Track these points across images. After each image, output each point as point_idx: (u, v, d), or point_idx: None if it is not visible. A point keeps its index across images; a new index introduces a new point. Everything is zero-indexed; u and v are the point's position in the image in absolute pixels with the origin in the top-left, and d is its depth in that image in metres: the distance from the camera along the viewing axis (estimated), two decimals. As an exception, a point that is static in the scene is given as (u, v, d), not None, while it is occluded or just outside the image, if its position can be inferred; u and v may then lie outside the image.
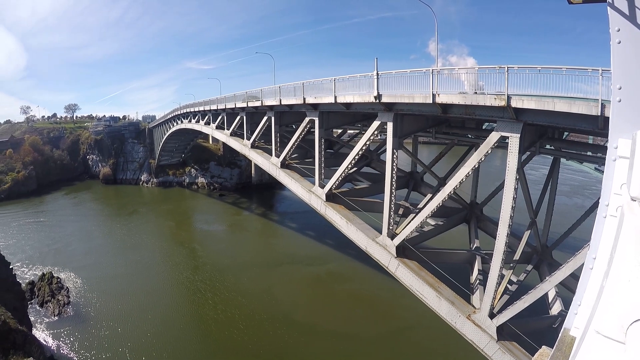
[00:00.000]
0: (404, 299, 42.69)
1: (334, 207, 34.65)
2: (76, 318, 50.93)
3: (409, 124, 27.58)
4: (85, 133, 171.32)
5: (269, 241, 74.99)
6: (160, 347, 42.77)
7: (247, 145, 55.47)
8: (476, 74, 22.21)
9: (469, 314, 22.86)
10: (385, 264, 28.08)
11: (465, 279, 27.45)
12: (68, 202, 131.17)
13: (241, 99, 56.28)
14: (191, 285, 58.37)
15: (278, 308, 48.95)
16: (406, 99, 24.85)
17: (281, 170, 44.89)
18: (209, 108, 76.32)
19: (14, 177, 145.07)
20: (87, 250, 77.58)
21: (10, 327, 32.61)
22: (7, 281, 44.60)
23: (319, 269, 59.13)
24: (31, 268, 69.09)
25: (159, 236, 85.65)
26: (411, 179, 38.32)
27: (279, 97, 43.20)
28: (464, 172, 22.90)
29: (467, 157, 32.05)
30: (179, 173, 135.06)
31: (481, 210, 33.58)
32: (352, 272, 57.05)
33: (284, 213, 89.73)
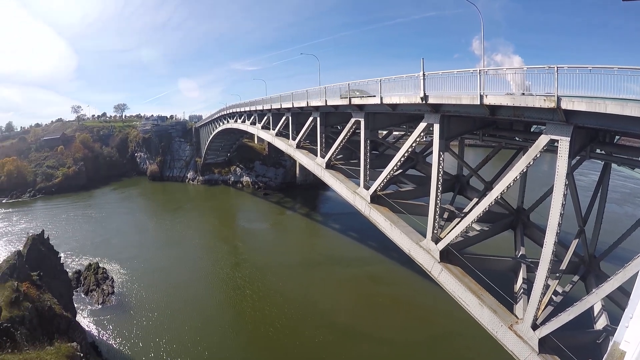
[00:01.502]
0: (444, 305, 41.83)
1: (378, 209, 34.75)
2: (119, 307, 53.42)
3: (455, 125, 27.36)
4: (134, 131, 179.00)
5: (311, 241, 75.79)
6: (196, 340, 44.07)
7: (292, 146, 56.28)
8: (523, 74, 21.79)
9: (511, 324, 22.42)
10: (428, 269, 27.91)
11: (508, 287, 26.80)
12: (116, 197, 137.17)
13: (287, 100, 56.88)
14: (231, 281, 59.76)
15: (315, 308, 49.33)
16: (453, 100, 24.72)
17: (326, 170, 45.33)
18: (254, 108, 77.69)
19: (65, 172, 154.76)
20: (132, 244, 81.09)
21: (55, 312, 34.29)
22: (55, 269, 46.60)
23: (359, 271, 59.06)
24: (78, 258, 72.94)
25: (202, 232, 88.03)
26: (457, 182, 37.86)
27: (325, 98, 43.63)
28: (512, 177, 22.52)
29: (514, 160, 31.61)
30: (224, 171, 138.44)
31: (528, 216, 32.71)
32: (392, 275, 56.82)
33: (327, 214, 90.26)
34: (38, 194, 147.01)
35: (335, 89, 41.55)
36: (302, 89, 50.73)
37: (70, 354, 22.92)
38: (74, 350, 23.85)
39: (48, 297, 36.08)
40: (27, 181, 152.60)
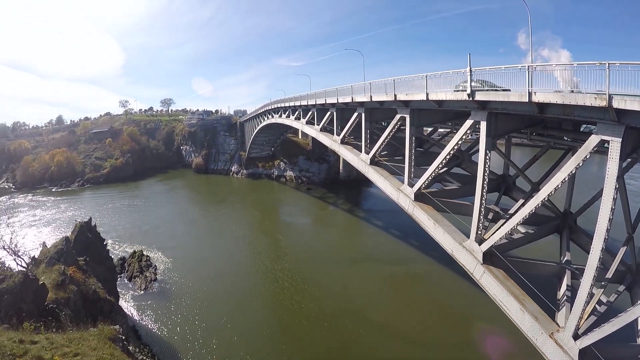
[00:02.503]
0: (483, 309, 41.75)
1: (422, 207, 34.52)
2: (160, 294, 55.60)
3: (503, 123, 26.81)
4: (180, 125, 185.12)
5: (352, 237, 75.95)
6: (233, 330, 45.30)
7: (336, 141, 56.55)
8: (572, 71, 20.99)
9: (552, 332, 21.79)
10: (470, 270, 27.59)
11: (551, 293, 26.00)
12: (161, 188, 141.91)
13: (332, 95, 57.06)
14: (270, 273, 60.85)
15: (351, 304, 49.55)
16: (500, 97, 24.26)
17: (370, 167, 45.32)
18: (299, 104, 78.59)
19: (112, 163, 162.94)
20: (176, 233, 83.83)
21: (99, 296, 36.09)
22: (101, 255, 48.87)
23: (398, 270, 58.69)
24: (123, 245, 76.32)
25: (244, 224, 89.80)
26: (503, 182, 36.94)
27: (370, 94, 43.67)
28: (560, 178, 21.95)
29: (563, 161, 30.66)
30: (268, 166, 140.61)
31: (575, 220, 31.50)
32: (432, 275, 56.25)
33: (369, 210, 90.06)
34: (86, 183, 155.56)
35: (380, 84, 41.45)
36: (347, 85, 51.00)
37: (113, 336, 23.95)
38: (116, 332, 24.93)
39: (93, 281, 38.00)
40: (76, 171, 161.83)
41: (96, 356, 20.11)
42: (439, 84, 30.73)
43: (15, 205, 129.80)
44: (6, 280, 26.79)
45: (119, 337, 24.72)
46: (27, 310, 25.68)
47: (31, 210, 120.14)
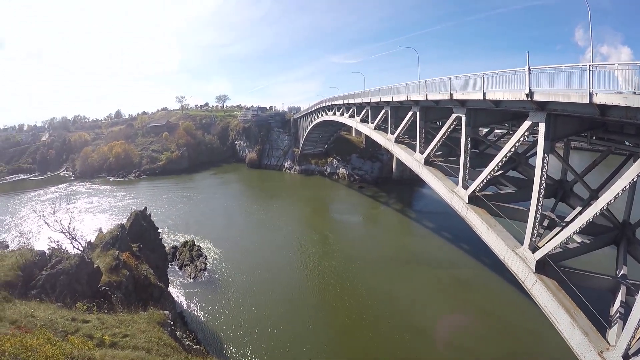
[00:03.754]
0: (530, 319, 40.91)
1: (475, 211, 33.87)
2: (208, 283, 57.79)
3: (562, 126, 25.72)
4: (234, 121, 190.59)
5: (401, 238, 75.19)
6: (275, 323, 46.31)
7: (390, 140, 56.26)
8: (635, 70, 19.48)
9: (601, 350, 20.67)
10: (522, 279, 26.76)
11: (603, 308, 24.90)
12: (215, 181, 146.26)
13: (386, 93, 56.78)
14: (317, 269, 61.35)
15: (396, 306, 49.05)
16: (560, 98, 23.23)
17: (424, 167, 44.80)
18: (353, 101, 78.57)
19: (168, 156, 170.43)
20: (227, 225, 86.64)
21: (150, 281, 37.83)
22: (154, 243, 51.01)
23: (446, 274, 57.67)
24: (175, 235, 79.87)
25: (295, 220, 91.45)
26: (560, 187, 35.34)
27: (425, 92, 43.10)
28: (620, 186, 20.94)
29: (624, 167, 29.17)
30: (321, 162, 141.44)
31: (634, 232, 29.61)
32: (480, 281, 54.71)
33: (421, 211, 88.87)
34: (143, 174, 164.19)
35: (435, 83, 40.90)
36: (402, 83, 50.52)
37: (162, 321, 24.83)
38: (165, 317, 25.83)
39: (145, 267, 39.84)
40: (133, 163, 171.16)
41: (145, 339, 20.88)
42: (496, 83, 29.92)
43: (74, 192, 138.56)
44: (63, 262, 28.47)
45: (168, 322, 25.63)
46: (81, 291, 27.20)
47: (89, 198, 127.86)
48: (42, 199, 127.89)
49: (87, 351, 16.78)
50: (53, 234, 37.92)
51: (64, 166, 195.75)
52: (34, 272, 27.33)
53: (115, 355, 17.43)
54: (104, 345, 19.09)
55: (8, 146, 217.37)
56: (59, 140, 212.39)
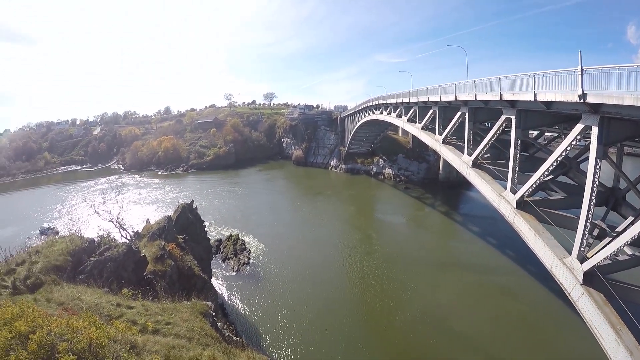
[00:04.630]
0: (573, 332, 39.40)
1: (523, 216, 32.87)
2: (250, 277, 59.00)
3: (616, 130, 24.26)
4: (281, 119, 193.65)
5: (445, 241, 73.86)
6: (312, 319, 46.82)
7: (438, 141, 55.44)
8: None
9: None
10: (567, 290, 25.62)
11: None
12: (260, 177, 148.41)
13: (434, 93, 56.02)
14: (358, 268, 61.27)
15: (435, 310, 48.18)
16: (614, 100, 21.87)
17: (472, 169, 44.06)
18: (400, 101, 77.69)
19: (216, 151, 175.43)
20: (272, 221, 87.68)
21: (194, 272, 39.05)
22: (199, 236, 52.68)
23: (488, 280, 55.99)
24: (220, 228, 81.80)
25: (338, 218, 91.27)
26: (612, 195, 33.30)
27: (474, 92, 42.19)
28: None
29: None
30: (367, 162, 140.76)
31: None
32: (524, 290, 52.52)
33: (466, 215, 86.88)
34: (190, 169, 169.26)
35: (485, 83, 39.90)
36: (450, 82, 49.67)
37: (204, 311, 25.36)
38: (208, 308, 26.37)
39: (189, 258, 41.02)
40: (181, 157, 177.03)
41: (186, 327, 21.44)
42: (547, 84, 28.77)
43: (124, 184, 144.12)
44: (111, 249, 29.81)
45: (210, 313, 26.12)
46: (127, 278, 28.35)
47: (137, 190, 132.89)
48: (92, 190, 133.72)
49: (131, 336, 17.37)
50: (102, 223, 39.95)
51: (114, 159, 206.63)
52: (83, 258, 28.65)
53: (157, 342, 17.92)
54: (147, 331, 19.77)
55: (61, 139, 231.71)
56: (110, 134, 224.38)
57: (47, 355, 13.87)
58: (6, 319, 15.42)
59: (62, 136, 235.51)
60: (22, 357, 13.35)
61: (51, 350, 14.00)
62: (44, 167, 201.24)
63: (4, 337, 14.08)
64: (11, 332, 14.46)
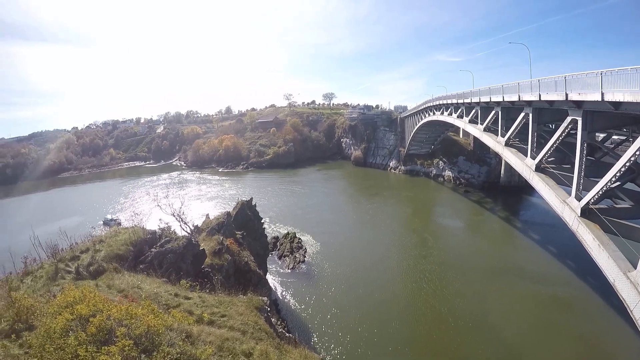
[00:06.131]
0: (634, 354, 36.89)
1: (587, 225, 31.13)
2: (304, 275, 59.70)
3: None
4: (341, 119, 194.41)
5: (503, 248, 70.69)
6: (362, 320, 46.63)
7: (500, 143, 54.08)
8: None
9: None
10: (630, 307, 23.88)
11: None
12: (319, 176, 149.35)
13: (497, 93, 54.39)
14: (411, 271, 60.46)
15: (487, 319, 46.20)
16: None
17: (535, 173, 42.61)
18: (461, 101, 76.03)
19: (275, 150, 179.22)
20: (328, 220, 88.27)
21: (250, 267, 39.88)
22: (257, 232, 53.97)
23: (544, 291, 52.53)
24: (277, 225, 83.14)
25: (395, 220, 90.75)
26: None
27: (538, 92, 40.43)
28: None
29: None
30: (427, 164, 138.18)
31: None
32: (582, 304, 49.02)
33: (527, 222, 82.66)
34: (250, 167, 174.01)
35: (549, 82, 38.04)
36: (514, 82, 47.95)
37: (259, 306, 25.55)
38: (263, 303, 26.52)
39: (246, 254, 41.91)
40: (241, 156, 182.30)
41: (241, 321, 21.67)
42: (615, 83, 26.73)
43: (185, 180, 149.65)
44: (171, 241, 30.76)
45: (265, 308, 26.32)
46: (186, 270, 29.19)
47: (198, 186, 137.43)
48: (155, 184, 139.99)
49: (186, 325, 17.85)
50: (164, 216, 41.85)
51: (176, 156, 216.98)
52: (144, 249, 29.84)
53: (211, 333, 18.24)
54: (203, 322, 20.20)
55: (126, 136, 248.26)
56: (172, 132, 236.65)
57: (105, 338, 14.52)
58: (68, 302, 16.32)
59: (127, 134, 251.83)
60: (81, 338, 13.97)
61: (109, 334, 14.70)
62: (109, 163, 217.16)
63: (65, 319, 14.84)
64: (72, 314, 15.23)
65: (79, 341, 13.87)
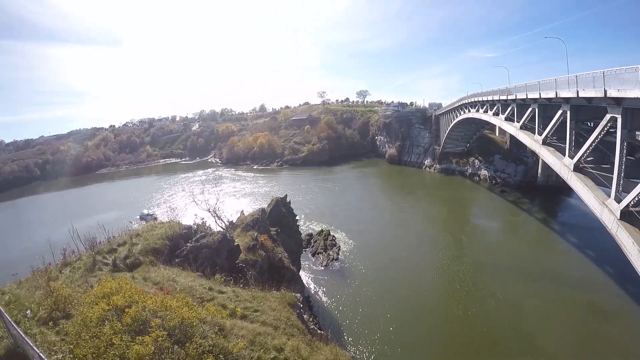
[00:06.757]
0: None
1: (627, 229, 29.88)
2: (337, 273, 59.85)
3: None
4: (375, 116, 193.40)
5: (539, 250, 67.69)
6: (392, 320, 46.39)
7: (537, 141, 52.77)
8: None
9: None
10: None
11: None
12: (353, 174, 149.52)
13: (533, 90, 53.06)
14: (444, 272, 59.59)
15: (522, 323, 44.66)
16: None
17: (573, 173, 41.30)
18: (497, 98, 74.35)
19: (310, 148, 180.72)
20: (362, 218, 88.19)
21: (283, 264, 40.49)
22: (291, 229, 54.50)
23: (580, 296, 50.16)
24: (312, 223, 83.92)
25: (429, 219, 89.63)
26: None
27: (575, 89, 38.89)
28: None
29: None
30: (462, 162, 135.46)
31: None
32: (619, 312, 46.43)
33: (565, 224, 79.43)
34: (284, 164, 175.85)
35: (587, 78, 36.57)
36: (550, 78, 46.60)
37: (292, 302, 25.62)
38: (296, 300, 26.58)
39: (280, 250, 42.64)
40: (276, 153, 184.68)
41: (274, 316, 21.79)
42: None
43: (220, 177, 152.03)
44: (207, 237, 31.64)
45: (298, 304, 26.34)
46: (220, 265, 29.87)
47: (233, 183, 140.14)
48: (190, 181, 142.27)
49: (220, 319, 18.35)
50: (199, 212, 43.74)
51: (211, 153, 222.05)
52: (180, 243, 30.80)
53: (244, 327, 18.66)
54: (236, 316, 20.52)
55: (162, 134, 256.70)
56: (207, 130, 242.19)
57: (140, 328, 15.15)
58: (105, 293, 17.24)
59: (163, 131, 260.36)
60: (116, 328, 14.62)
61: (144, 324, 15.37)
62: (145, 159, 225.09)
63: (102, 309, 15.66)
64: (109, 304, 16.08)
65: (114, 330, 14.46)
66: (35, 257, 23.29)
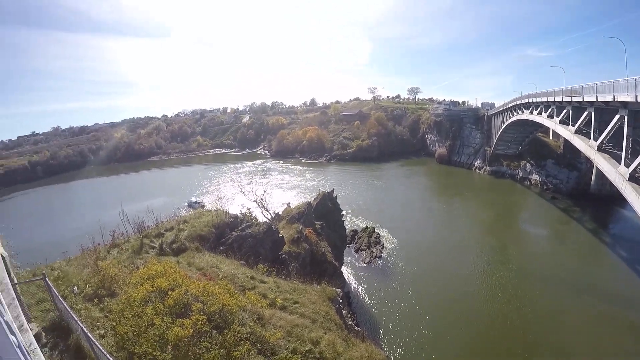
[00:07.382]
0: None
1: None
2: (378, 270, 59.75)
3: None
4: (426, 114, 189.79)
5: (587, 263, 64.52)
6: (429, 322, 45.90)
7: (592, 147, 50.82)
8: None
9: None
10: None
11: None
12: (401, 172, 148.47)
13: (589, 92, 50.93)
14: (487, 277, 58.14)
15: (559, 336, 42.53)
16: None
17: (628, 183, 39.61)
18: (552, 99, 71.81)
19: (359, 144, 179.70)
20: (407, 217, 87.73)
21: (326, 258, 40.75)
22: (336, 224, 54.86)
23: (624, 314, 46.74)
24: (357, 219, 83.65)
25: (475, 222, 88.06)
26: None
27: (635, 92, 37.02)
28: None
29: None
30: (513, 165, 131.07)
31: None
32: None
33: (616, 236, 75.28)
34: (332, 159, 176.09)
35: (647, 81, 34.36)
36: (608, 80, 44.47)
37: (332, 297, 25.89)
38: (337, 295, 26.90)
39: (324, 244, 43.06)
40: (325, 147, 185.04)
41: (312, 309, 22.11)
42: None
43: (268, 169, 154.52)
44: (252, 227, 32.48)
45: (337, 300, 26.63)
46: (264, 255, 30.45)
47: (280, 175, 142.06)
48: (239, 171, 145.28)
49: (259, 308, 18.83)
50: (246, 202, 44.69)
51: (260, 145, 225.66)
52: (226, 232, 31.65)
53: (282, 317, 19.03)
54: (275, 306, 21.04)
55: (213, 125, 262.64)
56: (257, 122, 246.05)
57: (181, 311, 15.61)
58: (150, 275, 17.76)
59: (214, 122, 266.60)
60: (159, 309, 15.20)
61: (185, 307, 15.80)
62: (196, 149, 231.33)
63: (146, 290, 16.18)
64: (153, 286, 16.57)
65: (156, 311, 15.06)
66: (85, 237, 24.27)
